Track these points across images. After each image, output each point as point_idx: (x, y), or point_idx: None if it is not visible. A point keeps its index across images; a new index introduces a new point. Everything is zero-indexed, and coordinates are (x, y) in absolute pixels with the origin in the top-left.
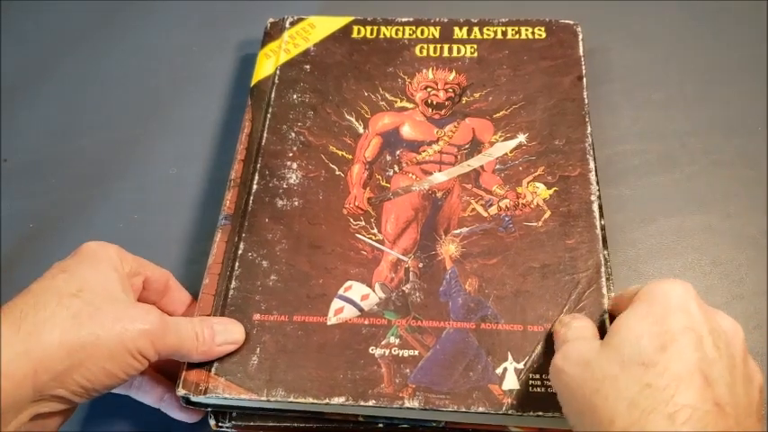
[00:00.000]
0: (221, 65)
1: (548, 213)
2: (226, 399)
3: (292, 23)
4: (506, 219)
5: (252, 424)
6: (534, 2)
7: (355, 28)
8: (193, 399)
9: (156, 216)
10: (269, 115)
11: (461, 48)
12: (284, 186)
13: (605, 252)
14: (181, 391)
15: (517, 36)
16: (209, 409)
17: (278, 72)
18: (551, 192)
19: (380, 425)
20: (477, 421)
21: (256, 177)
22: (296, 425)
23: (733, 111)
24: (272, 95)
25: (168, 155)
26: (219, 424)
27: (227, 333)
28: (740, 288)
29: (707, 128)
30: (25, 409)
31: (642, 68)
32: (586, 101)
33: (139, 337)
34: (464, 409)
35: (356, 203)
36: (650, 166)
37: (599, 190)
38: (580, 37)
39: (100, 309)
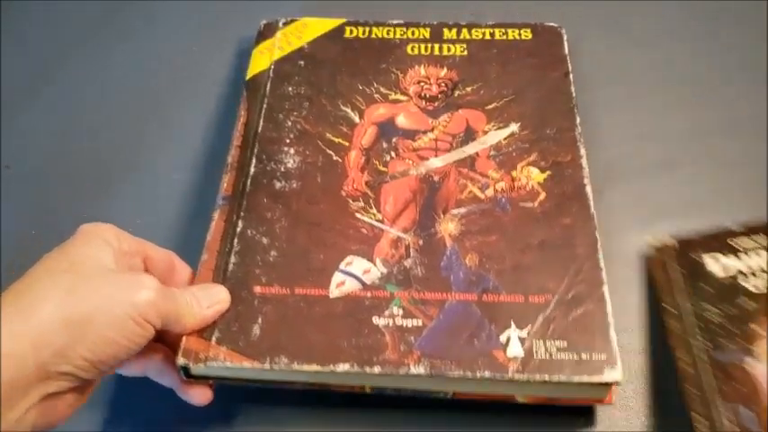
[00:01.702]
0: (221, 65)
1: (543, 195)
2: (227, 368)
3: (285, 24)
4: (503, 200)
5: None
6: (537, 3)
7: (347, 28)
8: (193, 370)
9: (160, 220)
10: (265, 105)
11: (451, 47)
12: (282, 170)
13: None
14: (180, 360)
15: (504, 37)
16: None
17: (272, 66)
18: (545, 175)
19: None
20: (484, 390)
21: (254, 161)
22: None
23: (733, 112)
24: (268, 88)
25: (170, 158)
26: None
27: (210, 295)
28: None
29: (707, 129)
30: (33, 389)
31: (642, 70)
32: (574, 95)
33: (140, 303)
34: (470, 374)
35: (354, 186)
36: (651, 169)
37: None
38: (564, 38)
39: (93, 279)
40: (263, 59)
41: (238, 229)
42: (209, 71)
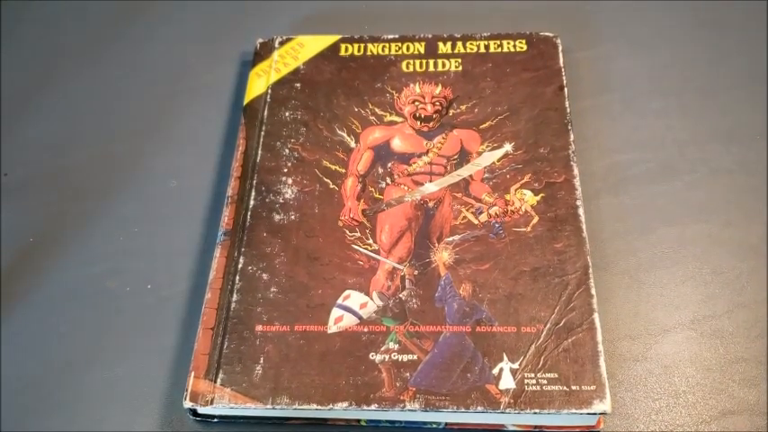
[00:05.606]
0: (220, 76)
1: (536, 219)
2: (232, 408)
3: (281, 43)
4: (496, 225)
5: None
6: (534, 11)
7: (343, 46)
8: (200, 410)
9: (157, 228)
10: (262, 133)
11: (446, 62)
12: (280, 201)
13: None
14: (187, 404)
15: (499, 49)
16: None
17: (269, 91)
18: (538, 198)
19: None
20: (476, 421)
21: (253, 193)
22: None
23: (732, 119)
24: (265, 113)
25: (168, 167)
26: None
27: None
28: (741, 297)
29: (706, 136)
30: None
31: (641, 77)
32: (568, 110)
33: None
34: (464, 410)
35: (351, 215)
36: (650, 176)
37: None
38: (560, 48)
39: None
40: (259, 83)
41: (239, 266)
42: (207, 81)
